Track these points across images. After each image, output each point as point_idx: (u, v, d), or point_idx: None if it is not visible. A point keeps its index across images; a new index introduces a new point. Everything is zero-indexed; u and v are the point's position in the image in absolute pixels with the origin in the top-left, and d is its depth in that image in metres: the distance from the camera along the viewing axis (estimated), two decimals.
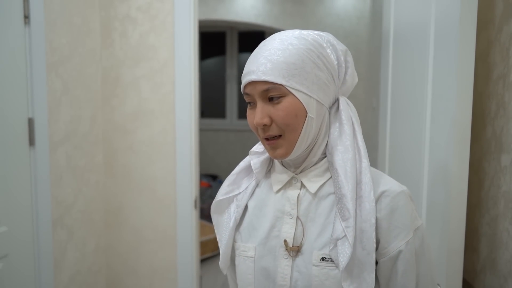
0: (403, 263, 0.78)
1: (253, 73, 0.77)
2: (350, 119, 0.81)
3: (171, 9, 2.02)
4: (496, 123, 1.12)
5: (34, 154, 1.61)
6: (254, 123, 0.79)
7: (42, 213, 1.65)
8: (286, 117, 0.76)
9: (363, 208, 0.76)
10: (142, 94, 2.08)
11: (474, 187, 1.23)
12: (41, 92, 1.63)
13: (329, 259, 0.78)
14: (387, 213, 0.78)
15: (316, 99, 0.78)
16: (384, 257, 0.79)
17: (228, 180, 0.93)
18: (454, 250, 1.06)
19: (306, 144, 0.80)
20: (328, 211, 0.81)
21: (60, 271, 1.80)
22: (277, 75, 0.75)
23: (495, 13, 1.15)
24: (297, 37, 0.78)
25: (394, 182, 0.81)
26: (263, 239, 0.85)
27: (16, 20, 1.53)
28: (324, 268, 0.78)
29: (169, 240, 2.12)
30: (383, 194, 0.78)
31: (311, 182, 0.83)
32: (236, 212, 0.89)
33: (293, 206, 0.83)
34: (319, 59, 0.78)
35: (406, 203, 0.79)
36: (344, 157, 0.78)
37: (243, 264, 0.87)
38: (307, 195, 0.83)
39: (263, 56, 0.77)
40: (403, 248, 0.77)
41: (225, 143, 5.70)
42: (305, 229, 0.82)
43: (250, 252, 0.86)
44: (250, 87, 0.79)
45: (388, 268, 0.79)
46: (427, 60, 1.25)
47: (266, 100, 0.78)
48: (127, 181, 2.13)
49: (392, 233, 0.77)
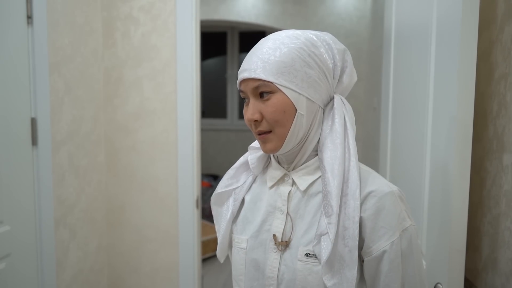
0: (388, 263, 0.79)
1: (245, 71, 0.81)
2: (343, 117, 0.83)
3: (173, 10, 2.03)
4: (498, 123, 1.13)
5: (36, 154, 1.62)
6: (246, 118, 0.83)
7: (44, 212, 1.65)
8: (275, 113, 0.80)
9: (348, 205, 0.78)
10: (144, 94, 2.09)
11: (476, 187, 1.23)
12: (43, 92, 1.64)
13: (312, 255, 0.81)
14: (373, 213, 0.79)
15: (306, 96, 0.80)
16: (369, 256, 0.80)
17: (228, 173, 0.97)
18: (456, 249, 1.06)
19: (296, 139, 0.82)
20: (317, 208, 0.83)
21: (62, 270, 1.81)
22: (267, 73, 0.78)
23: (497, 13, 1.15)
24: (289, 37, 0.81)
25: (384, 182, 0.83)
26: (255, 232, 0.89)
27: (19, 20, 1.54)
28: (307, 264, 0.81)
29: (171, 239, 2.12)
30: (370, 194, 0.80)
31: (301, 180, 0.85)
32: (233, 205, 0.94)
33: (284, 202, 0.87)
34: (310, 58, 0.80)
35: (393, 204, 0.80)
36: (333, 154, 0.80)
37: (237, 255, 0.91)
38: (298, 192, 0.86)
39: (256, 55, 0.81)
40: (387, 249, 0.79)
41: (226, 143, 5.71)
42: (294, 225, 0.85)
43: (243, 244, 0.90)
44: (243, 84, 0.83)
45: (373, 267, 0.81)
46: (429, 60, 1.26)
47: (258, 97, 0.81)
48: (129, 180, 2.13)
49: (377, 233, 0.79)
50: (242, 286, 0.90)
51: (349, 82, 0.86)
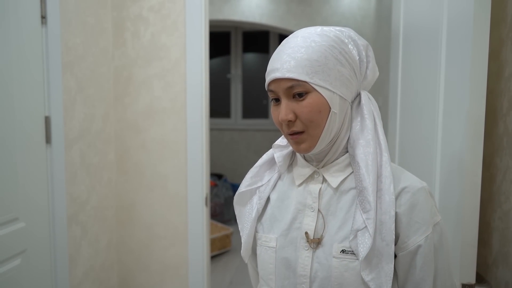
0: (422, 257, 0.80)
1: (277, 71, 0.79)
2: (372, 113, 0.83)
3: (183, 9, 2.05)
4: (508, 120, 1.15)
5: (50, 152, 1.64)
6: (279, 119, 0.81)
7: (58, 209, 1.68)
8: (310, 113, 0.79)
9: (383, 200, 0.79)
10: (154, 93, 2.11)
11: (486, 183, 1.25)
12: (57, 91, 1.66)
13: (349, 251, 0.80)
14: (407, 208, 0.80)
15: (339, 94, 0.80)
16: (403, 251, 0.81)
17: (251, 172, 0.95)
18: (468, 243, 1.08)
19: (329, 138, 0.82)
20: (349, 205, 0.83)
21: (75, 267, 1.83)
22: (301, 72, 0.77)
23: (507, 12, 1.17)
24: (319, 34, 0.80)
25: (415, 178, 0.84)
26: (285, 230, 0.88)
27: (33, 20, 1.56)
28: (344, 260, 0.80)
29: (181, 236, 2.14)
30: (404, 190, 0.81)
31: (333, 177, 0.85)
32: (259, 203, 0.92)
33: (314, 200, 0.86)
34: (341, 55, 0.79)
35: (426, 199, 0.81)
36: (366, 150, 0.80)
37: (265, 254, 0.90)
38: (329, 189, 0.85)
39: (287, 54, 0.79)
40: (422, 243, 0.80)
41: (229, 143, 5.73)
42: (326, 222, 0.84)
43: (272, 242, 0.89)
44: (274, 85, 0.81)
45: (407, 262, 0.81)
46: (439, 58, 1.27)
47: (291, 97, 0.80)
48: (139, 178, 2.15)
49: (412, 228, 0.80)
50: (272, 286, 0.89)
51: (372, 77, 0.86)
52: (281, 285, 0.87)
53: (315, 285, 0.83)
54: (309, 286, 0.83)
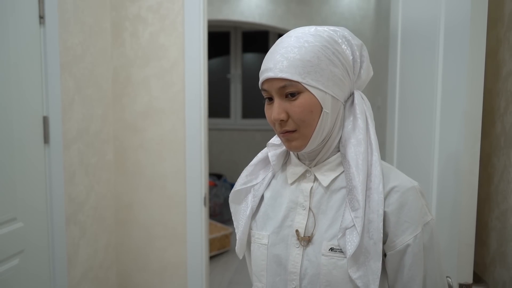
0: (411, 256, 0.80)
1: (270, 70, 0.80)
2: (364, 113, 0.84)
3: (181, 9, 2.05)
4: (505, 119, 1.15)
5: (48, 152, 1.64)
6: (271, 118, 0.82)
7: (56, 209, 1.68)
8: (302, 113, 0.80)
9: (372, 199, 0.79)
10: (152, 93, 2.11)
11: (484, 182, 1.25)
12: (55, 91, 1.66)
13: (337, 249, 0.81)
14: (396, 208, 0.80)
15: (332, 94, 0.81)
16: (392, 250, 0.81)
17: (246, 170, 0.97)
18: (465, 243, 1.08)
19: (321, 137, 0.83)
20: (339, 204, 0.84)
21: (73, 267, 1.83)
22: (293, 72, 0.78)
23: (504, 11, 1.17)
24: (312, 34, 0.80)
25: (405, 177, 0.84)
26: (277, 228, 0.89)
27: (31, 20, 1.56)
28: (332, 258, 0.81)
29: (179, 237, 2.15)
30: (393, 189, 0.81)
31: (324, 176, 0.86)
32: (253, 201, 0.94)
33: (306, 198, 0.87)
34: (334, 56, 0.80)
35: (415, 199, 0.81)
36: (357, 150, 0.81)
37: (257, 251, 0.91)
38: (320, 188, 0.86)
39: (280, 54, 0.79)
40: (411, 242, 0.80)
41: (229, 143, 5.73)
42: (317, 220, 0.85)
43: (264, 239, 0.90)
44: (267, 84, 0.82)
45: (396, 261, 0.82)
46: (437, 57, 1.28)
47: (283, 96, 0.81)
48: (138, 178, 2.16)
49: (401, 228, 0.80)
50: (263, 282, 0.90)
51: (366, 76, 0.86)
52: (272, 282, 0.88)
53: (305, 282, 0.84)
54: (299, 283, 0.84)
